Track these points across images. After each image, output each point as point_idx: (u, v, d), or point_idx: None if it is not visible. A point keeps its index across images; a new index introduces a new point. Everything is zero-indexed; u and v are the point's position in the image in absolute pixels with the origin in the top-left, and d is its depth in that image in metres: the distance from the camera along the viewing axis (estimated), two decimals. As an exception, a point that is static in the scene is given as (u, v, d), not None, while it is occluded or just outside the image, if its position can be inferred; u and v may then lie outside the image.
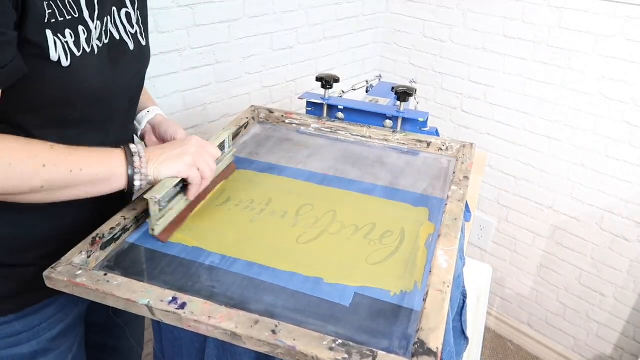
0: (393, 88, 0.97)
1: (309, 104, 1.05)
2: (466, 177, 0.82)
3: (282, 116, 1.04)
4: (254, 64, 1.46)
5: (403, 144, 0.96)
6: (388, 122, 0.99)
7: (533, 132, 1.63)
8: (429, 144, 0.95)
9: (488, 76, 1.67)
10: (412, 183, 0.84)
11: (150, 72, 1.23)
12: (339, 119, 1.03)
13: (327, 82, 1.00)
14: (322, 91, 1.03)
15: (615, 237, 1.56)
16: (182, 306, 0.54)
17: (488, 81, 1.68)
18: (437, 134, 1.16)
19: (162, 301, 0.55)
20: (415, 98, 1.01)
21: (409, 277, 0.62)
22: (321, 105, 1.03)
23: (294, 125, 1.03)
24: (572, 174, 1.59)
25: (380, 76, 1.35)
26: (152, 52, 1.19)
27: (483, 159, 1.14)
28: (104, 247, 0.65)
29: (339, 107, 1.01)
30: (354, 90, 1.17)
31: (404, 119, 0.98)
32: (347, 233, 0.71)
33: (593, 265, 1.65)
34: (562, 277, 1.75)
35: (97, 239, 0.64)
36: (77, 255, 0.61)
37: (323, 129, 1.01)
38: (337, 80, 1.02)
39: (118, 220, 0.68)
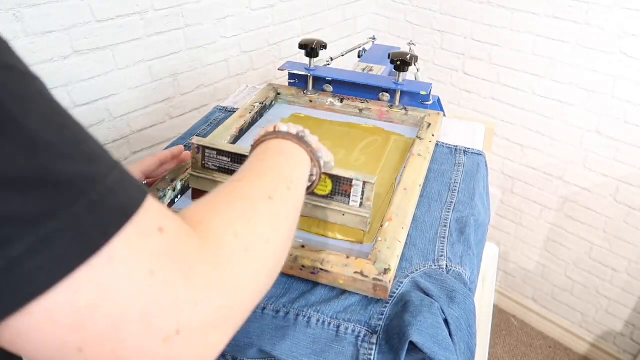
0: (389, 55, 0.81)
1: (291, 75, 0.89)
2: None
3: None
4: (230, 26, 1.28)
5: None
6: (384, 96, 0.84)
7: (543, 96, 1.47)
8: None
9: (493, 34, 1.49)
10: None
11: (108, 40, 1.06)
12: (326, 92, 0.87)
13: (312, 49, 0.84)
14: (307, 60, 0.86)
15: (631, 210, 1.44)
16: None
17: (493, 40, 1.50)
18: (439, 104, 1.01)
19: None
20: (415, 65, 0.85)
21: None
22: (305, 77, 0.87)
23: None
24: (585, 142, 1.45)
25: (374, 38, 1.18)
26: (108, 15, 1.03)
27: (492, 130, 0.99)
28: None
29: (327, 78, 0.86)
30: (343, 56, 1.01)
31: (402, 92, 0.82)
32: None
33: (605, 239, 1.53)
34: (570, 252, 1.64)
35: None
36: None
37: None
38: (324, 47, 0.85)
39: None
